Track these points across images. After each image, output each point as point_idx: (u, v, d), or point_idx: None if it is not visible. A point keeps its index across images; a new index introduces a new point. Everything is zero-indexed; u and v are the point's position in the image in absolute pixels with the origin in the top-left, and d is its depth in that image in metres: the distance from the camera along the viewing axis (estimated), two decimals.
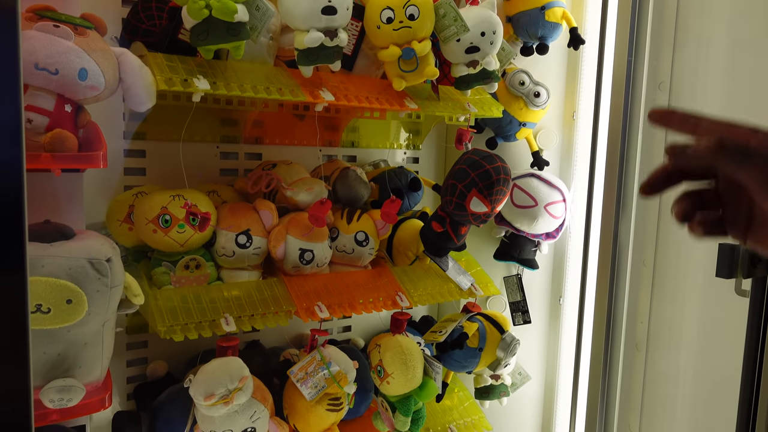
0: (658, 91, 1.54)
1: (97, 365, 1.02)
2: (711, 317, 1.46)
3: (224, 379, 1.19)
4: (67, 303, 0.92)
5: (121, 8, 1.38)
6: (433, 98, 1.52)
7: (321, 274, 1.48)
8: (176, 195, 1.30)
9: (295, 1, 1.21)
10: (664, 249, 1.55)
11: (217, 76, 1.22)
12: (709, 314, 1.46)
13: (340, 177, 1.56)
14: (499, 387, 1.81)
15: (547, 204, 1.75)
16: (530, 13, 1.69)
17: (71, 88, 1.01)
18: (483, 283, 1.69)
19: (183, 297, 1.28)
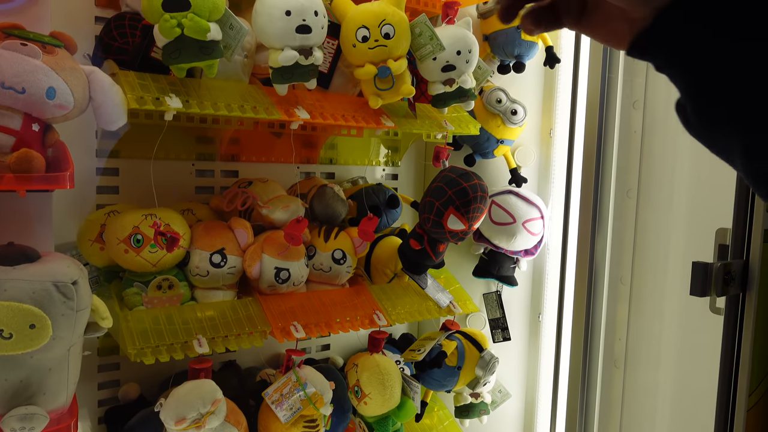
0: (633, 110, 1.56)
1: (63, 391, 0.99)
2: (687, 334, 1.46)
3: (196, 402, 1.17)
4: (30, 328, 0.89)
5: (94, 25, 1.37)
6: (410, 116, 1.52)
7: (297, 293, 1.46)
8: (149, 214, 1.27)
9: (269, 20, 1.20)
10: (640, 266, 1.56)
11: (190, 94, 1.21)
12: (685, 331, 1.47)
13: (317, 194, 1.55)
14: (479, 405, 1.80)
15: (525, 221, 1.75)
16: (507, 32, 1.70)
17: (39, 107, 0.99)
18: (462, 300, 1.68)
19: (155, 318, 1.26)
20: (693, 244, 1.44)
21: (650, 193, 1.54)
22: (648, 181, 1.54)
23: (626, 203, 1.58)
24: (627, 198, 1.58)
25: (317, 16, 1.23)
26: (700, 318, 1.39)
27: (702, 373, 1.42)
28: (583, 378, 1.62)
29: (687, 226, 1.46)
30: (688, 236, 1.45)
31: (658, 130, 1.52)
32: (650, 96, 1.54)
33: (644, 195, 1.55)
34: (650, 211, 1.54)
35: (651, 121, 1.53)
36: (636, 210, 1.57)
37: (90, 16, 1.37)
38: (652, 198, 1.53)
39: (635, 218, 1.57)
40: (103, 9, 1.38)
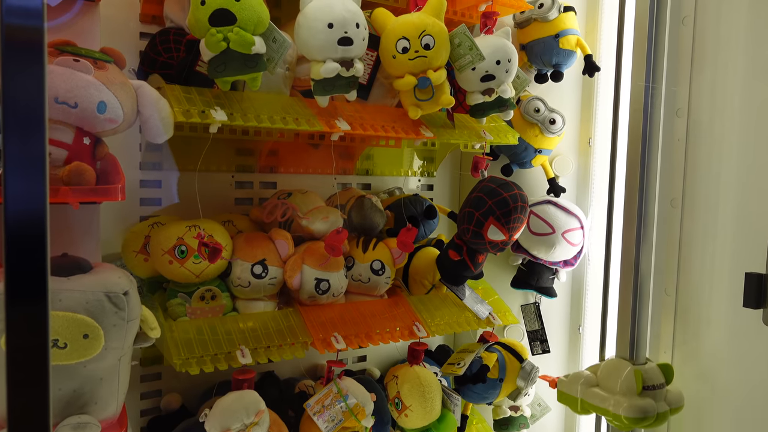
0: (676, 118, 1.53)
1: (113, 401, 1.00)
2: (738, 347, 1.42)
3: (240, 413, 1.17)
4: (83, 338, 0.91)
5: (138, 41, 1.40)
6: (448, 126, 1.52)
7: (337, 304, 1.46)
8: (192, 225, 1.29)
9: (312, 32, 1.21)
10: (686, 277, 1.52)
11: (233, 107, 1.22)
12: (736, 344, 1.42)
13: (355, 206, 1.55)
14: (518, 419, 1.77)
15: (564, 231, 1.73)
16: (544, 41, 1.69)
17: (90, 121, 1.02)
18: (501, 311, 1.66)
19: (198, 329, 1.27)
20: (742, 254, 1.39)
21: (695, 202, 1.50)
22: (693, 190, 1.51)
23: (671, 213, 1.55)
24: (671, 207, 1.54)
25: (359, 28, 1.24)
26: (752, 330, 1.35)
27: (756, 388, 1.37)
28: None
29: (735, 235, 1.42)
30: (737, 246, 1.41)
31: (703, 137, 1.48)
32: (694, 103, 1.50)
33: (689, 204, 1.51)
34: (696, 220, 1.50)
35: (695, 129, 1.50)
36: (681, 220, 1.53)
37: (135, 31, 1.41)
38: (697, 207, 1.50)
39: (680, 228, 1.53)
40: (148, 25, 1.41)
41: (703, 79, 1.49)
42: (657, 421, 1.42)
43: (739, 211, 1.41)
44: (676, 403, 1.47)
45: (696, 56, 1.50)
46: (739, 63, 1.42)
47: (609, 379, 1.48)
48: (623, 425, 1.42)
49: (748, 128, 1.40)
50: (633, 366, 1.46)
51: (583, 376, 1.54)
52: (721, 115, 1.46)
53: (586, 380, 1.52)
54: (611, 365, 1.52)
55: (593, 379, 1.52)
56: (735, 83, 1.43)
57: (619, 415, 1.40)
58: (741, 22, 1.42)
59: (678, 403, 1.47)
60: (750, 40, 1.39)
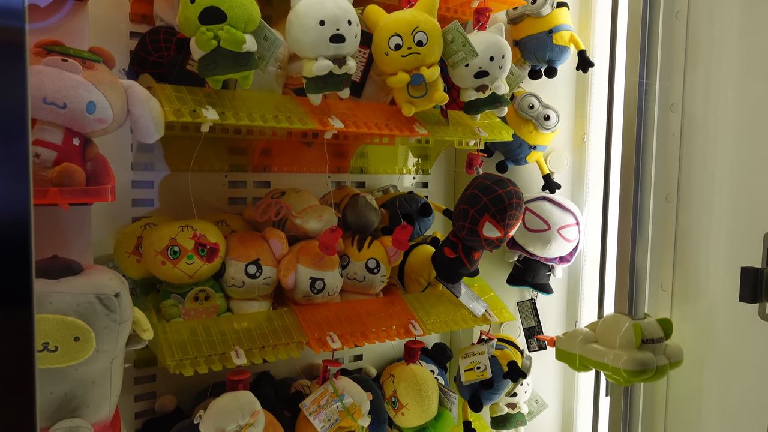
0: (671, 113, 1.52)
1: (106, 404, 0.99)
2: (734, 342, 1.41)
3: (235, 414, 1.16)
4: (74, 340, 0.90)
5: (128, 41, 1.39)
6: (442, 123, 1.51)
7: (332, 303, 1.45)
8: (185, 226, 1.28)
9: (303, 30, 1.20)
10: (682, 272, 1.52)
11: (225, 105, 1.21)
12: (732, 339, 1.42)
13: (350, 204, 1.55)
14: (515, 416, 1.77)
15: (560, 227, 1.72)
16: (538, 36, 1.68)
17: (79, 121, 1.01)
18: (497, 308, 1.65)
19: (192, 329, 1.26)
20: (737, 249, 1.39)
21: (690, 197, 1.50)
22: (688, 184, 1.50)
23: (666, 208, 1.54)
24: (666, 202, 1.54)
25: (351, 25, 1.23)
26: (748, 325, 1.35)
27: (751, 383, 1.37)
28: (626, 388, 1.57)
29: (730, 230, 1.42)
30: (732, 241, 1.41)
31: (697, 132, 1.48)
32: (688, 98, 1.50)
33: (684, 199, 1.51)
34: (691, 215, 1.50)
35: (689, 124, 1.49)
36: (676, 215, 1.53)
37: (125, 31, 1.39)
38: (693, 202, 1.49)
39: (675, 223, 1.53)
40: (138, 24, 1.40)
41: (696, 73, 1.49)
42: (656, 375, 1.40)
43: (734, 205, 1.40)
44: (676, 357, 1.45)
45: (689, 51, 1.50)
46: (733, 58, 1.41)
47: (608, 335, 1.46)
48: (622, 379, 1.40)
49: (742, 123, 1.39)
50: (632, 320, 1.44)
51: (581, 332, 1.52)
52: (715, 109, 1.45)
53: (584, 337, 1.50)
54: (610, 321, 1.49)
55: (592, 336, 1.50)
56: (729, 78, 1.42)
57: (618, 368, 1.37)
58: (734, 17, 1.41)
59: (677, 357, 1.45)
60: (743, 35, 1.39)
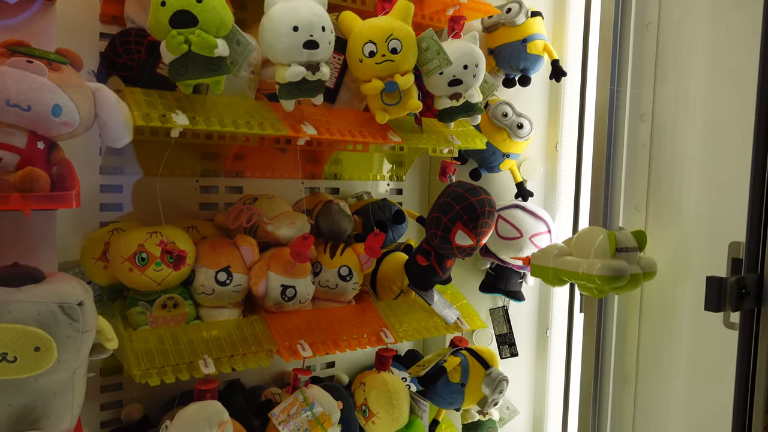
0: (641, 123, 1.55)
1: (67, 415, 0.97)
2: (700, 350, 1.44)
3: (202, 424, 1.14)
4: (35, 351, 0.87)
5: (98, 42, 1.36)
6: (416, 130, 1.51)
7: (303, 311, 1.44)
8: (153, 232, 1.26)
9: (277, 35, 1.19)
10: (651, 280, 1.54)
11: (196, 110, 1.20)
12: (698, 346, 1.44)
13: (322, 211, 1.54)
14: (486, 423, 1.78)
15: (532, 235, 1.73)
16: (512, 45, 1.70)
17: (44, 124, 0.98)
18: (469, 316, 1.66)
19: (160, 338, 1.24)
20: (704, 257, 1.42)
21: (659, 206, 1.52)
22: (657, 194, 1.53)
23: (635, 217, 1.57)
24: (636, 211, 1.56)
25: (324, 32, 1.22)
26: (713, 333, 1.37)
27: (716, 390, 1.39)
28: (595, 394, 1.59)
29: (698, 239, 1.44)
30: (700, 250, 1.44)
31: (666, 142, 1.51)
32: (658, 108, 1.53)
33: (653, 208, 1.53)
34: (659, 224, 1.52)
35: (659, 134, 1.52)
36: (645, 223, 1.55)
37: (94, 32, 1.37)
38: (661, 211, 1.52)
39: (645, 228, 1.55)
40: (108, 25, 1.37)
41: (666, 84, 1.51)
42: (630, 284, 1.40)
43: (702, 215, 1.43)
44: (649, 268, 1.46)
45: (660, 62, 1.53)
46: (702, 69, 1.44)
47: (582, 246, 1.46)
48: (596, 287, 1.40)
49: (710, 133, 1.42)
50: (606, 231, 1.44)
51: (556, 247, 1.52)
52: (684, 119, 1.48)
53: (559, 251, 1.50)
54: (584, 233, 1.49)
55: (566, 250, 1.50)
56: (697, 89, 1.45)
57: (593, 275, 1.37)
58: (703, 29, 1.44)
59: (651, 268, 1.46)
60: (711, 47, 1.42)
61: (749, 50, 1.21)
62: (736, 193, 1.27)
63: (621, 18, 1.50)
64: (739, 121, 1.31)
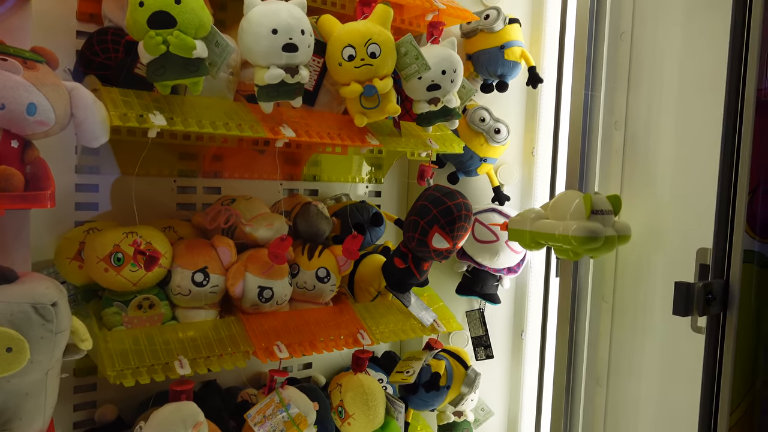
0: (614, 130, 1.58)
1: (40, 416, 0.96)
2: (669, 352, 1.47)
3: (177, 425, 1.14)
4: (7, 351, 0.86)
5: (75, 40, 1.35)
6: (395, 134, 1.52)
7: (281, 312, 1.45)
8: (129, 232, 1.25)
9: (256, 38, 1.20)
10: (622, 284, 1.57)
11: (174, 111, 1.19)
12: (667, 349, 1.48)
13: (301, 212, 1.54)
14: (462, 424, 1.80)
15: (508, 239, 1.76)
16: (490, 51, 1.72)
17: (18, 123, 0.97)
18: (445, 318, 1.68)
19: (135, 338, 1.23)
20: (674, 263, 1.45)
21: (631, 212, 1.56)
22: (629, 200, 1.56)
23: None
24: None
25: (304, 35, 1.23)
26: (681, 337, 1.41)
27: (684, 391, 1.43)
28: (567, 395, 1.62)
29: (668, 245, 1.48)
30: (670, 256, 1.47)
31: (639, 149, 1.54)
32: (631, 116, 1.56)
33: (625, 215, 1.57)
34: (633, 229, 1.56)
35: (632, 141, 1.55)
36: None
37: (71, 30, 1.35)
38: (633, 218, 1.55)
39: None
40: (85, 23, 1.36)
41: (639, 92, 1.55)
42: (605, 246, 1.42)
43: (672, 222, 1.47)
44: (624, 232, 1.48)
45: (633, 71, 1.56)
46: (674, 78, 1.48)
47: (559, 209, 1.48)
48: (572, 248, 1.41)
49: (681, 141, 1.46)
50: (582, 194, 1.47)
51: (533, 211, 1.54)
52: (656, 127, 1.52)
53: (536, 215, 1.52)
54: (561, 197, 1.51)
55: (543, 214, 1.52)
56: (669, 97, 1.49)
57: (568, 236, 1.39)
58: (675, 39, 1.48)
59: (625, 232, 1.48)
60: (683, 56, 1.45)
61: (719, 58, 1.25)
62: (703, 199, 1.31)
63: (595, 27, 1.53)
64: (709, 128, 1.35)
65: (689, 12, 1.44)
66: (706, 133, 1.37)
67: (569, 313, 1.55)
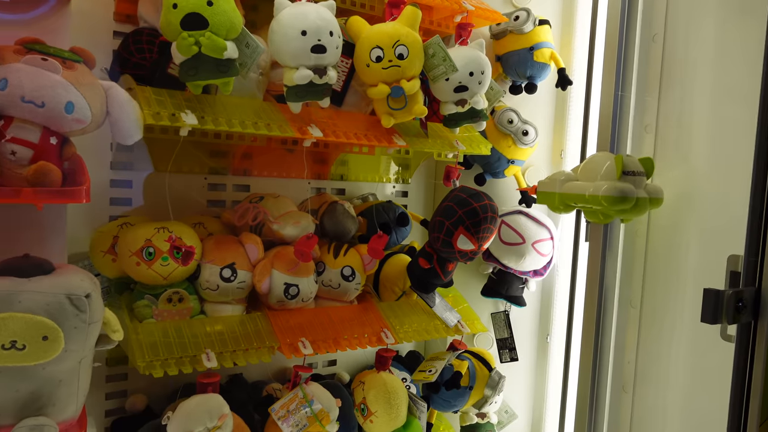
0: (645, 133, 1.56)
1: (72, 403, 1.00)
2: (698, 361, 1.45)
3: (203, 416, 1.17)
4: (43, 339, 0.90)
5: (112, 40, 1.39)
6: (421, 135, 1.53)
7: (306, 309, 1.47)
8: (161, 227, 1.29)
9: (285, 39, 1.22)
10: (651, 290, 1.55)
11: (205, 110, 1.22)
12: (696, 357, 1.45)
13: (327, 211, 1.56)
14: (485, 425, 1.79)
15: (534, 241, 1.75)
16: (519, 53, 1.71)
17: (57, 120, 1.01)
18: (470, 319, 1.68)
19: (164, 331, 1.27)
20: (705, 269, 1.43)
21: (661, 216, 1.53)
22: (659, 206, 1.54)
23: (637, 227, 1.58)
24: (638, 223, 1.57)
25: (332, 37, 1.25)
26: (710, 345, 1.38)
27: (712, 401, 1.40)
28: (591, 401, 1.60)
29: (698, 251, 1.45)
30: (700, 262, 1.44)
31: (669, 153, 1.52)
32: (662, 119, 1.54)
33: (655, 219, 1.54)
34: (661, 235, 1.53)
35: (662, 145, 1.53)
36: (647, 234, 1.56)
37: (108, 30, 1.40)
38: (663, 222, 1.53)
39: (646, 242, 1.56)
40: (122, 24, 1.40)
41: (671, 96, 1.52)
42: (636, 209, 1.39)
43: (703, 227, 1.44)
44: (656, 194, 1.45)
45: (665, 73, 1.54)
46: (707, 81, 1.45)
47: (589, 171, 1.46)
48: (602, 209, 1.38)
49: (713, 145, 1.43)
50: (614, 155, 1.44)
51: (563, 173, 1.52)
52: (689, 131, 1.49)
53: (566, 177, 1.50)
54: (592, 159, 1.49)
55: (573, 176, 1.50)
56: (702, 101, 1.46)
57: (598, 196, 1.36)
58: (709, 41, 1.45)
59: (657, 194, 1.45)
60: (718, 59, 1.43)
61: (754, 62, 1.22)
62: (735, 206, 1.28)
63: (626, 28, 1.51)
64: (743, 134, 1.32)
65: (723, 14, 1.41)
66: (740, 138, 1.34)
67: (595, 318, 1.54)
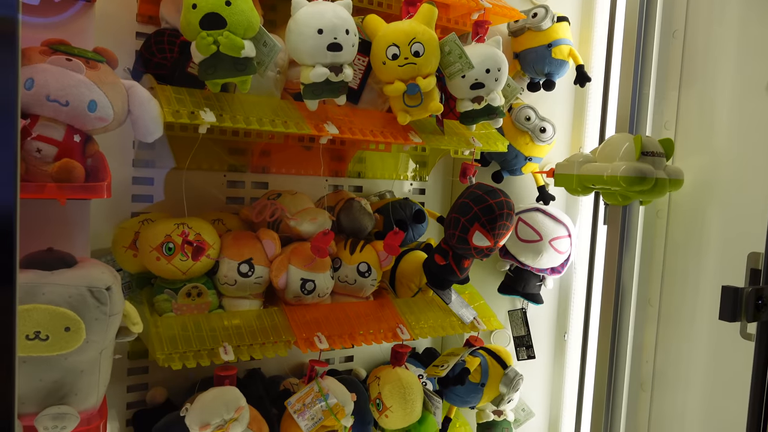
0: (664, 130, 1.54)
1: (93, 393, 1.03)
2: (717, 359, 1.43)
3: (220, 409, 1.19)
4: (65, 331, 0.93)
5: (135, 41, 1.42)
6: (438, 132, 1.54)
7: (322, 304, 1.48)
8: (181, 223, 1.31)
9: (302, 38, 1.23)
10: (669, 288, 1.54)
11: (223, 108, 1.25)
12: (715, 356, 1.44)
13: (344, 208, 1.58)
14: (501, 423, 1.79)
15: (552, 239, 1.74)
16: (537, 50, 1.71)
17: (81, 119, 1.04)
18: (486, 316, 1.68)
19: (183, 325, 1.29)
20: (724, 267, 1.41)
21: (679, 213, 1.52)
22: (678, 202, 1.52)
23: (656, 223, 1.56)
24: (657, 218, 1.56)
25: (348, 35, 1.26)
26: (730, 343, 1.36)
27: (731, 400, 1.38)
28: (608, 400, 1.59)
29: (718, 248, 1.43)
30: (720, 259, 1.43)
31: (689, 151, 1.50)
32: (682, 116, 1.52)
33: (674, 216, 1.53)
34: (680, 232, 1.52)
35: (682, 142, 1.51)
36: (666, 231, 1.55)
37: (131, 31, 1.43)
38: (682, 219, 1.51)
39: (665, 239, 1.55)
40: (144, 25, 1.43)
41: (691, 92, 1.51)
42: (656, 190, 1.38)
43: (723, 225, 1.42)
44: (675, 176, 1.43)
45: (685, 70, 1.52)
46: (729, 77, 1.43)
47: (608, 152, 1.44)
48: (620, 191, 1.36)
49: (734, 143, 1.41)
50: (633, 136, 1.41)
51: (581, 155, 1.50)
52: (709, 129, 1.47)
53: (584, 158, 1.48)
54: (611, 140, 1.47)
55: (591, 158, 1.48)
56: (723, 98, 1.44)
57: (617, 176, 1.34)
58: (731, 38, 1.43)
59: (677, 176, 1.43)
60: (740, 56, 1.41)
61: None
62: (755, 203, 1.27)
63: (645, 25, 1.50)
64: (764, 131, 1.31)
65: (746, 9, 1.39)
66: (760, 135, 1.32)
67: (612, 316, 1.53)
